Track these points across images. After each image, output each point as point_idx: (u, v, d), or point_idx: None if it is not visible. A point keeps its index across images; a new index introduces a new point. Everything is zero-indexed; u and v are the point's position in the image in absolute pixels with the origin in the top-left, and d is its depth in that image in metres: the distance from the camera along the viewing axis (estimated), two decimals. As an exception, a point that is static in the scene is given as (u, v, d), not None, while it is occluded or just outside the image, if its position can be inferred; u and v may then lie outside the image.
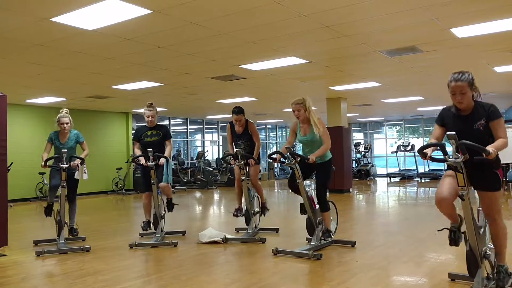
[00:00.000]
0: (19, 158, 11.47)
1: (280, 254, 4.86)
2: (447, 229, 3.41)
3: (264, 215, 6.35)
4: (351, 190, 13.16)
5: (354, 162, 19.18)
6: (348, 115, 14.88)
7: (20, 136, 12.15)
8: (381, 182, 17.53)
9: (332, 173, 5.21)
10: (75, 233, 5.86)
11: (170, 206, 6.00)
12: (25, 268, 4.64)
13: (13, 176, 8.16)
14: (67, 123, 5.78)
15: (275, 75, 8.92)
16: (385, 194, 13.08)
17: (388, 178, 18.94)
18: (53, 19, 5.20)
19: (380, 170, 21.07)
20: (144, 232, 6.22)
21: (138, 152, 5.93)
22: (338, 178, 12.33)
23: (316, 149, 4.98)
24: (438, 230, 3.52)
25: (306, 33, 6.03)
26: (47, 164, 5.51)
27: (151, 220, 5.92)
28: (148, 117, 5.91)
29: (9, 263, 4.84)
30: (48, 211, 5.72)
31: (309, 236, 5.19)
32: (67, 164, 5.39)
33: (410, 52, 7.23)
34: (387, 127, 22.58)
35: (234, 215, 6.24)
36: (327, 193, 5.22)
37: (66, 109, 5.94)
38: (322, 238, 5.09)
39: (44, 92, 10.62)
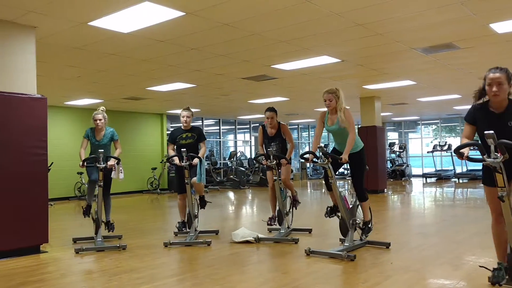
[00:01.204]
0: (59, 158, 11.88)
1: (313, 255, 4.84)
2: (488, 269, 3.37)
3: (296, 208, 6.34)
4: (385, 191, 12.93)
5: (388, 162, 18.85)
6: (382, 114, 14.63)
7: (60, 137, 12.58)
8: (417, 183, 17.14)
9: (366, 165, 5.16)
10: (111, 228, 6.00)
11: (202, 202, 6.09)
12: (64, 264, 4.80)
13: (53, 176, 8.46)
14: (100, 120, 5.95)
15: (308, 74, 8.88)
16: (421, 194, 12.78)
17: (424, 179, 18.50)
18: (90, 23, 5.36)
19: (416, 170, 20.61)
20: (179, 231, 6.32)
21: (172, 153, 6.03)
22: (372, 178, 12.14)
23: (344, 138, 4.93)
24: (480, 266, 3.48)
25: (339, 32, 5.97)
26: (85, 164, 5.69)
27: (186, 221, 6.02)
28: (183, 117, 6.02)
29: (50, 259, 5.02)
30: (86, 211, 5.92)
31: (342, 237, 5.14)
32: (103, 164, 5.54)
33: (446, 49, 7.04)
34: (422, 126, 22.07)
35: (268, 224, 6.24)
36: (363, 183, 5.15)
37: (102, 107, 6.11)
38: (363, 235, 5.09)
39: (82, 94, 10.95)
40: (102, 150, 5.62)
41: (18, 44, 5.32)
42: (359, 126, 13.09)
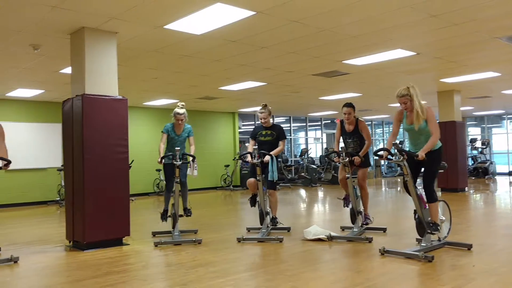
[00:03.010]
0: (139, 156, 12.53)
1: (388, 254, 4.70)
2: None
3: (366, 225, 6.05)
4: (466, 189, 12.22)
5: (470, 159, 17.78)
6: (462, 108, 13.85)
7: (139, 135, 13.27)
8: (502, 181, 16.01)
9: (441, 164, 4.89)
10: (189, 213, 6.20)
11: (274, 222, 6.08)
12: (145, 256, 5.07)
13: (133, 173, 8.93)
14: (182, 120, 6.18)
15: (381, 69, 8.62)
16: (507, 193, 11.92)
17: (511, 177, 17.22)
18: (166, 27, 5.60)
19: (501, 168, 19.24)
20: (251, 226, 6.43)
21: (250, 148, 6.14)
22: (452, 176, 11.55)
23: (423, 138, 4.72)
24: None
25: (413, 24, 5.73)
26: (162, 161, 5.95)
27: (257, 194, 6.04)
28: (261, 119, 6.12)
29: (131, 251, 5.32)
30: (164, 216, 6.17)
31: (419, 237, 4.94)
32: (180, 161, 5.77)
33: (535, 37, 6.51)
34: (508, 120, 20.54)
35: (344, 204, 6.10)
36: (435, 184, 4.90)
37: (182, 103, 6.32)
38: (428, 231, 4.76)
39: (159, 95, 11.47)
40: (179, 148, 5.85)
41: (102, 49, 5.70)
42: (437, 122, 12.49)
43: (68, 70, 7.68)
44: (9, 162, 4.81)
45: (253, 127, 6.68)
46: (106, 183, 5.56)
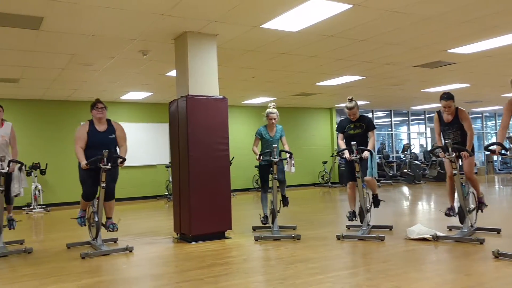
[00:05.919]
0: (238, 153, 12.96)
1: (503, 258, 4.32)
2: None
3: (482, 211, 5.79)
4: None
5: None
6: None
7: (239, 133, 13.70)
8: None
9: None
10: (286, 202, 6.30)
11: (376, 202, 5.95)
12: (245, 250, 5.23)
13: (234, 169, 9.27)
14: (274, 119, 6.29)
15: (493, 56, 7.93)
16: None
17: None
18: (263, 26, 5.71)
19: None
20: (350, 224, 6.32)
21: (342, 143, 6.03)
22: None
23: None
24: None
25: (531, 4, 5.20)
26: (261, 157, 6.09)
27: (356, 211, 5.96)
28: (350, 115, 5.96)
29: (233, 245, 5.53)
30: (265, 220, 6.31)
31: (540, 240, 4.48)
32: (277, 157, 5.85)
33: None
34: None
35: (446, 214, 5.80)
36: None
37: (273, 103, 6.45)
38: None
39: (257, 93, 11.73)
40: (276, 145, 5.95)
41: (203, 51, 5.98)
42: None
43: (173, 73, 8.18)
44: (124, 159, 5.30)
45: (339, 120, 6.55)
46: (209, 179, 5.83)
